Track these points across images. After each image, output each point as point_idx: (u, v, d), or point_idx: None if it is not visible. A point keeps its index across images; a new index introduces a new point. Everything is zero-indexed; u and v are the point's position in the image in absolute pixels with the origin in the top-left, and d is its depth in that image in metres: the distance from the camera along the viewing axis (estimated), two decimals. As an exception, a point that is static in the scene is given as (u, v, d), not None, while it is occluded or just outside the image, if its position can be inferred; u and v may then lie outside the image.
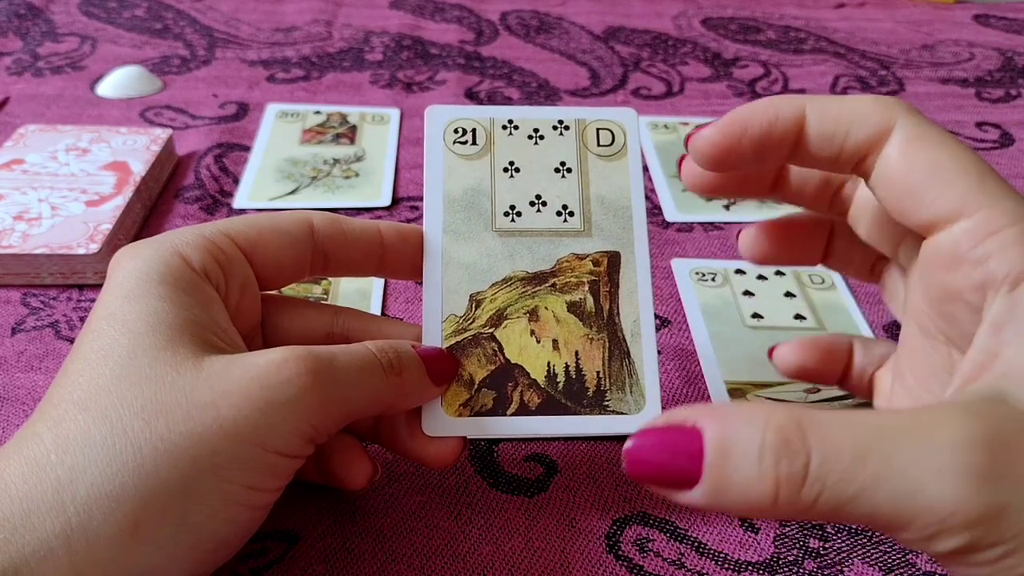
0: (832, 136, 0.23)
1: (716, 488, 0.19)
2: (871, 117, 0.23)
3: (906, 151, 0.22)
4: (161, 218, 0.47)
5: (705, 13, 0.80)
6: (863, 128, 0.23)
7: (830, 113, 0.23)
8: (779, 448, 0.18)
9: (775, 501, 0.18)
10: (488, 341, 0.29)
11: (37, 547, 0.20)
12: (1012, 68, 0.71)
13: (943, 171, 0.22)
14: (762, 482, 0.18)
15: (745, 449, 0.18)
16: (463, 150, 0.31)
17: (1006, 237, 0.20)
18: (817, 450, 0.18)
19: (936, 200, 0.21)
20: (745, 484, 0.18)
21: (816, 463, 0.18)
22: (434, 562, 0.28)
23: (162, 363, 0.23)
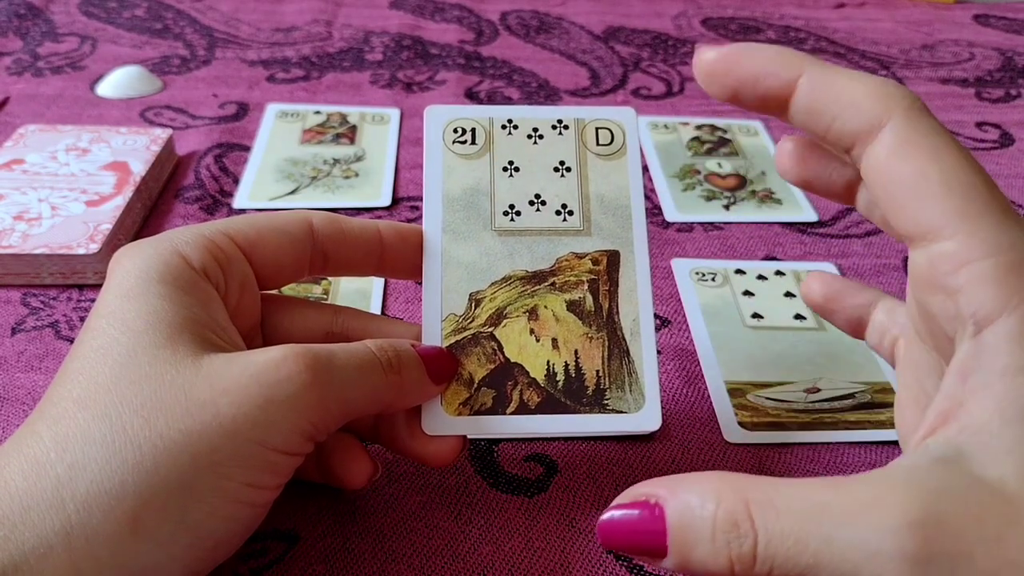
0: (819, 115, 0.22)
1: (681, 561, 0.20)
2: (864, 107, 0.21)
3: (892, 156, 0.21)
4: (161, 218, 0.47)
5: (705, 13, 0.80)
6: (852, 119, 0.21)
7: (822, 90, 0.22)
8: (729, 530, 0.19)
9: (717, 558, 0.19)
10: (488, 340, 0.29)
11: (37, 544, 0.20)
12: (1012, 68, 0.71)
13: (927, 184, 0.20)
14: (717, 559, 0.19)
15: (700, 528, 0.19)
16: (462, 150, 0.31)
17: (978, 271, 0.19)
18: (763, 531, 0.19)
19: (917, 214, 0.20)
20: (705, 559, 0.19)
21: (763, 545, 0.19)
22: (434, 562, 0.28)
23: (162, 361, 0.23)
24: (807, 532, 0.18)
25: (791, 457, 0.33)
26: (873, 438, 0.34)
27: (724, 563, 0.19)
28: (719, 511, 0.19)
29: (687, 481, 0.20)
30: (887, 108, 0.21)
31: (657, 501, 0.20)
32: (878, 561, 0.17)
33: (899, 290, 0.43)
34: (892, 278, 0.44)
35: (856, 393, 0.36)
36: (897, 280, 0.44)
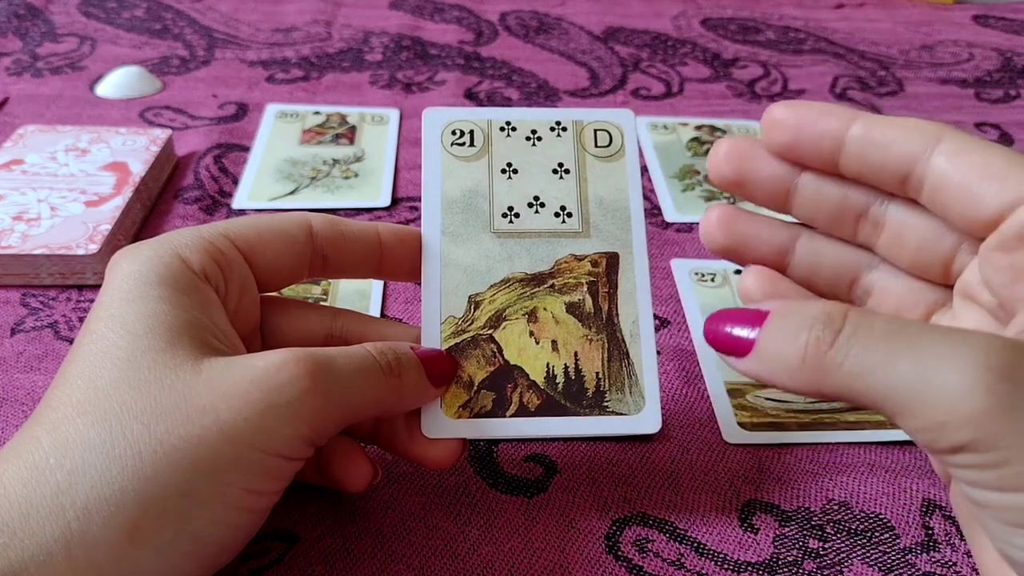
0: (876, 146, 0.24)
1: (761, 353, 0.22)
2: (918, 132, 0.24)
3: (955, 156, 0.23)
4: (160, 218, 0.47)
5: (704, 13, 0.80)
6: (909, 141, 0.24)
7: (876, 127, 0.24)
8: (821, 320, 0.21)
9: (802, 361, 0.21)
10: (487, 342, 0.29)
11: (36, 551, 0.20)
12: (1011, 69, 0.71)
13: (995, 168, 0.22)
14: (796, 343, 0.21)
15: (794, 323, 0.21)
16: (461, 152, 0.31)
17: None
18: (851, 324, 0.21)
19: (997, 194, 0.22)
20: (783, 348, 0.21)
21: (846, 334, 0.20)
22: (433, 562, 0.28)
23: (161, 365, 0.23)
24: (898, 331, 0.20)
25: (790, 457, 0.33)
26: (872, 438, 0.34)
27: (799, 348, 0.21)
28: (819, 309, 0.21)
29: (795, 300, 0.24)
30: (939, 128, 0.24)
31: (767, 308, 0.23)
32: (959, 367, 0.19)
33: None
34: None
35: (855, 394, 0.36)
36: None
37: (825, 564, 0.29)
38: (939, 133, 0.24)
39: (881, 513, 0.31)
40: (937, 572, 0.29)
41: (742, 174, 0.27)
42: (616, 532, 0.30)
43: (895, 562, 0.29)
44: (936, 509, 0.31)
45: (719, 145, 0.28)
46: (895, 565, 0.29)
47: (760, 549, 0.30)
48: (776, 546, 0.30)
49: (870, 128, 0.24)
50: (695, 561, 0.29)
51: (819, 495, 0.32)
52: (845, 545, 0.30)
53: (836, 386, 0.21)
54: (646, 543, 0.30)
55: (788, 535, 0.30)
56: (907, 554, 0.30)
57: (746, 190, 0.27)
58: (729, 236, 0.27)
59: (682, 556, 0.29)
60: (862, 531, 0.30)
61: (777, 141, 0.26)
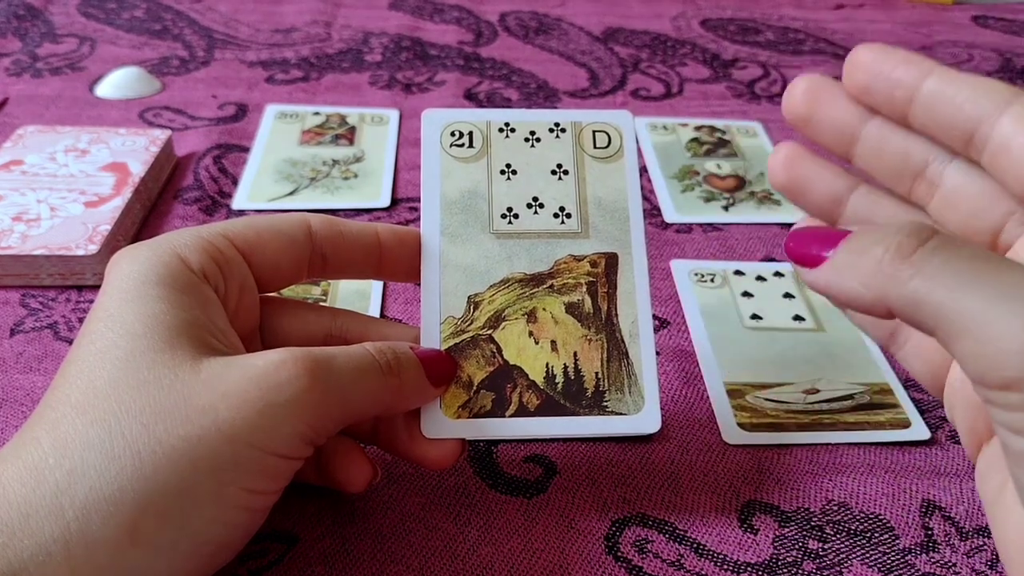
0: (947, 102, 0.24)
1: (835, 263, 0.22)
2: (992, 91, 0.23)
3: (1023, 120, 0.22)
4: (160, 219, 0.47)
5: (704, 14, 0.80)
6: (982, 99, 0.23)
7: (950, 81, 0.24)
8: (908, 229, 0.21)
9: (878, 265, 0.21)
10: (486, 343, 0.29)
11: (36, 551, 0.20)
12: (1011, 69, 0.71)
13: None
14: (875, 250, 0.21)
15: (877, 235, 0.21)
16: (460, 153, 0.31)
17: None
18: (939, 238, 0.20)
19: None
20: (861, 255, 0.21)
21: (932, 245, 0.20)
22: (433, 563, 0.28)
23: (160, 365, 0.23)
24: (984, 257, 0.20)
25: (790, 458, 0.33)
26: (872, 439, 0.34)
27: (878, 252, 0.21)
28: (906, 221, 0.21)
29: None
30: (1013, 92, 0.23)
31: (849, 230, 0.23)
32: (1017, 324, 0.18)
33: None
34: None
35: (855, 394, 0.36)
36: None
37: (825, 565, 0.29)
38: (1012, 97, 0.23)
39: (881, 514, 0.31)
40: (937, 573, 0.29)
41: (814, 110, 0.27)
42: (616, 533, 0.30)
43: (895, 563, 0.29)
44: (936, 510, 0.31)
45: (798, 82, 0.27)
46: (895, 566, 0.29)
47: (760, 550, 0.30)
48: (776, 547, 0.30)
49: (945, 82, 0.24)
50: (694, 562, 0.29)
51: (819, 496, 0.32)
52: (845, 546, 0.30)
53: (904, 295, 0.20)
54: (646, 544, 0.30)
55: (788, 536, 0.30)
56: (907, 555, 0.30)
57: (814, 128, 0.27)
58: (790, 173, 0.27)
59: (682, 557, 0.29)
60: (862, 532, 0.30)
61: (854, 82, 0.26)
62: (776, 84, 0.66)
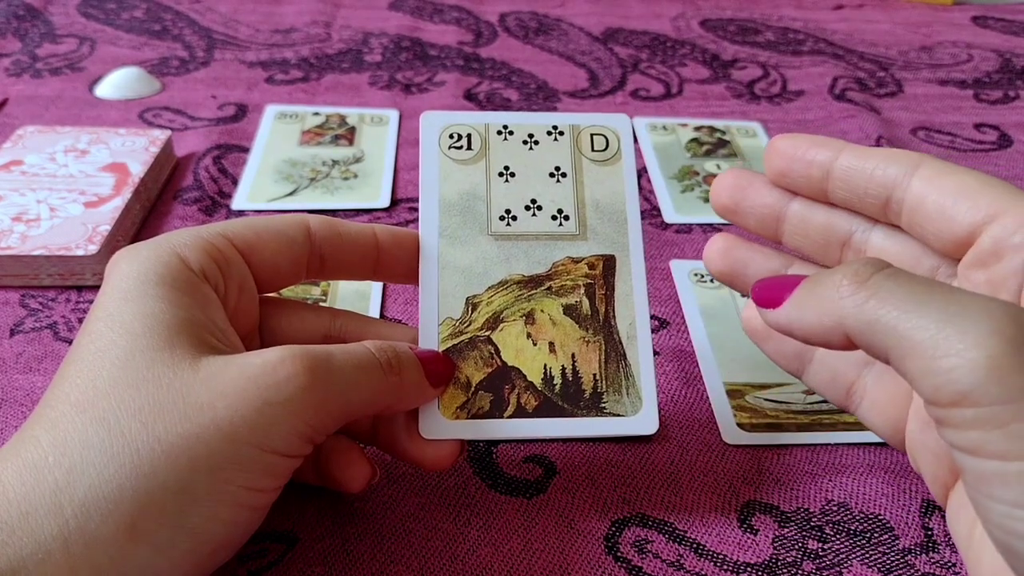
0: (858, 173, 0.26)
1: (794, 301, 0.24)
2: (896, 160, 0.26)
3: (931, 179, 0.25)
4: (160, 219, 0.47)
5: (704, 14, 0.80)
6: (890, 169, 0.26)
7: (859, 157, 0.26)
8: (864, 261, 0.22)
9: (836, 292, 0.22)
10: (484, 344, 0.29)
11: (35, 549, 0.20)
12: (1010, 69, 0.71)
13: (969, 188, 0.24)
14: (831, 281, 0.23)
15: (833, 274, 0.23)
16: (458, 155, 0.31)
17: None
18: (891, 269, 0.22)
19: (969, 212, 0.24)
20: (818, 289, 0.23)
21: (885, 273, 0.22)
22: (433, 564, 0.28)
23: (160, 364, 0.23)
24: (926, 286, 0.21)
25: (790, 458, 0.33)
26: (872, 439, 0.34)
27: (834, 283, 0.22)
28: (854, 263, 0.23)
29: None
30: (919, 156, 0.26)
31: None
32: (974, 317, 0.19)
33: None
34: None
35: (854, 395, 0.36)
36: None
37: (824, 565, 0.29)
38: (919, 160, 0.25)
39: (880, 514, 0.31)
40: (936, 573, 0.29)
41: (739, 200, 0.29)
42: (615, 533, 0.30)
43: (894, 563, 0.29)
44: (935, 510, 0.31)
45: (721, 177, 0.30)
46: (894, 566, 0.29)
47: (759, 550, 0.30)
48: (775, 547, 0.30)
49: (856, 157, 0.27)
50: (694, 562, 0.29)
51: (818, 496, 0.32)
52: (844, 546, 0.30)
53: (860, 318, 0.21)
54: (645, 544, 0.30)
55: (787, 536, 0.30)
56: (906, 555, 0.30)
57: (741, 217, 0.30)
58: (727, 261, 0.30)
59: (681, 557, 0.29)
60: (861, 532, 0.30)
61: (774, 168, 0.28)
62: (776, 84, 0.66)
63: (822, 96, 0.65)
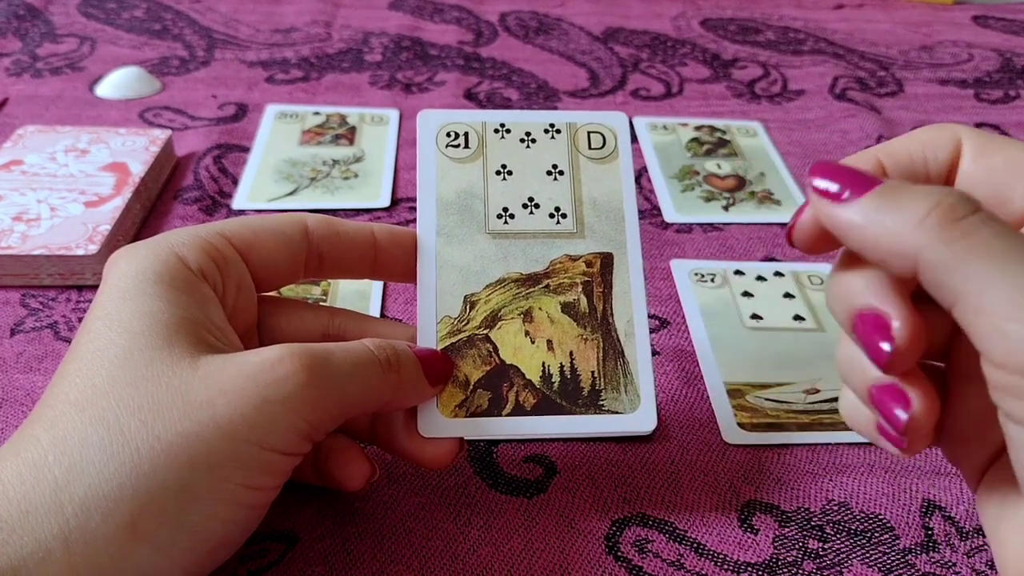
0: (913, 170, 0.24)
1: (877, 201, 0.21)
2: (941, 139, 0.24)
3: (979, 158, 0.23)
4: (160, 219, 0.47)
5: (704, 14, 0.80)
6: (940, 150, 0.24)
7: (904, 152, 0.24)
8: (959, 196, 0.20)
9: (922, 219, 0.20)
10: (483, 342, 0.29)
11: (35, 548, 0.20)
12: (1011, 69, 0.71)
13: (1019, 164, 0.23)
14: (924, 202, 0.20)
15: (924, 190, 0.20)
16: (455, 153, 0.31)
17: None
18: (986, 212, 0.20)
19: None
20: (907, 200, 0.20)
21: (981, 216, 0.20)
22: (433, 563, 0.28)
23: (159, 363, 0.23)
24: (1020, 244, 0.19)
25: (790, 458, 0.33)
26: (871, 439, 0.34)
27: (927, 205, 0.20)
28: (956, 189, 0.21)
29: None
30: (952, 131, 0.24)
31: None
32: None
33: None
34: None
35: (854, 394, 0.36)
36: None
37: (825, 564, 0.29)
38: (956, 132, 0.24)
39: (881, 513, 0.31)
40: (937, 573, 0.29)
41: None
42: (616, 532, 0.30)
43: (895, 563, 0.29)
44: (936, 510, 0.31)
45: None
46: (895, 566, 0.29)
47: (760, 549, 0.30)
48: (776, 546, 0.30)
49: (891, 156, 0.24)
50: (695, 561, 0.29)
51: (819, 495, 0.32)
52: (845, 546, 0.30)
53: (941, 257, 0.19)
54: (646, 543, 0.30)
55: (788, 535, 0.30)
56: (907, 555, 0.30)
57: None
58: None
59: (682, 556, 0.29)
60: (862, 531, 0.30)
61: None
62: (776, 84, 0.66)
63: (822, 96, 0.64)
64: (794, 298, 0.42)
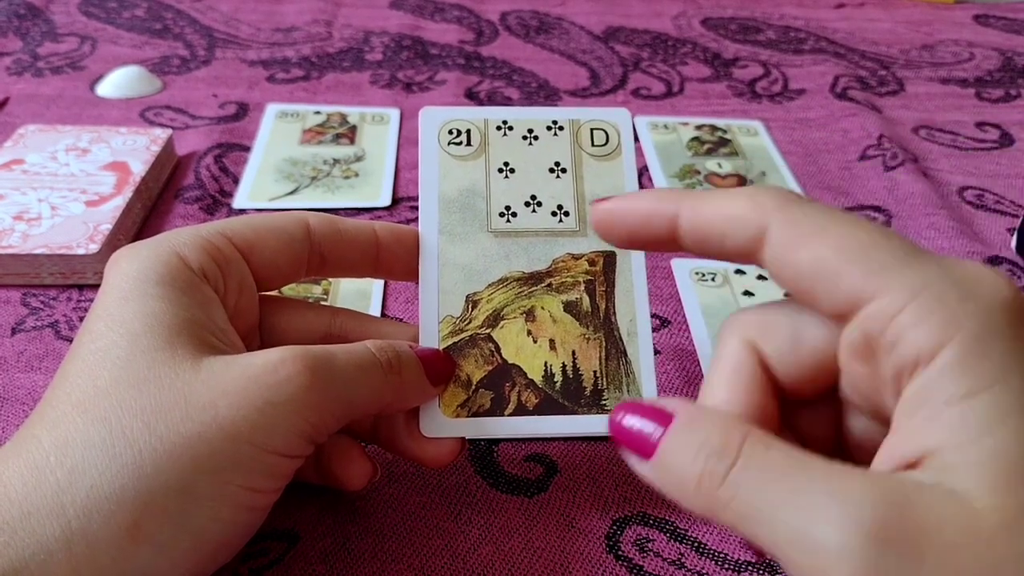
0: (707, 242, 0.23)
1: (660, 467, 0.21)
2: (741, 221, 0.21)
3: (785, 253, 0.21)
4: (161, 218, 0.47)
5: (705, 13, 0.80)
6: (737, 234, 0.22)
7: (699, 219, 0.22)
8: (717, 448, 0.20)
9: (697, 487, 0.20)
10: (485, 342, 0.29)
11: (37, 550, 0.20)
12: (1012, 68, 0.71)
13: (826, 265, 0.20)
14: (693, 466, 0.20)
15: (695, 441, 0.20)
16: (458, 151, 0.31)
17: (905, 320, 0.19)
18: (744, 458, 0.19)
19: (830, 297, 0.20)
20: (682, 465, 0.20)
21: (737, 469, 0.19)
22: (434, 562, 0.28)
23: (160, 364, 0.23)
24: (782, 475, 0.19)
25: (790, 458, 0.33)
26: (872, 438, 0.34)
27: (694, 475, 0.20)
28: (717, 431, 0.20)
29: (706, 409, 0.22)
30: (761, 214, 0.21)
31: (673, 411, 0.21)
32: (835, 524, 0.17)
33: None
34: (891, 278, 0.44)
35: (855, 393, 0.36)
36: (896, 280, 0.44)
37: (825, 563, 0.29)
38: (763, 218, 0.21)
39: (881, 512, 0.31)
40: (937, 571, 0.29)
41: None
42: (616, 532, 0.30)
43: (895, 561, 0.29)
44: (936, 508, 0.31)
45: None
46: (895, 564, 0.29)
47: (760, 548, 0.30)
48: (776, 545, 0.30)
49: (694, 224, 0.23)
50: (695, 561, 0.29)
51: (819, 494, 0.32)
52: (845, 544, 0.30)
53: (727, 522, 0.19)
54: (646, 543, 0.30)
55: (788, 534, 0.30)
56: (907, 553, 0.30)
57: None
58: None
59: (682, 556, 0.29)
60: (862, 530, 0.30)
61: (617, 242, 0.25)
62: (777, 83, 0.66)
63: (823, 95, 0.64)
64: (795, 297, 0.42)
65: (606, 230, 0.24)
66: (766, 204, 0.21)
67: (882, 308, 0.19)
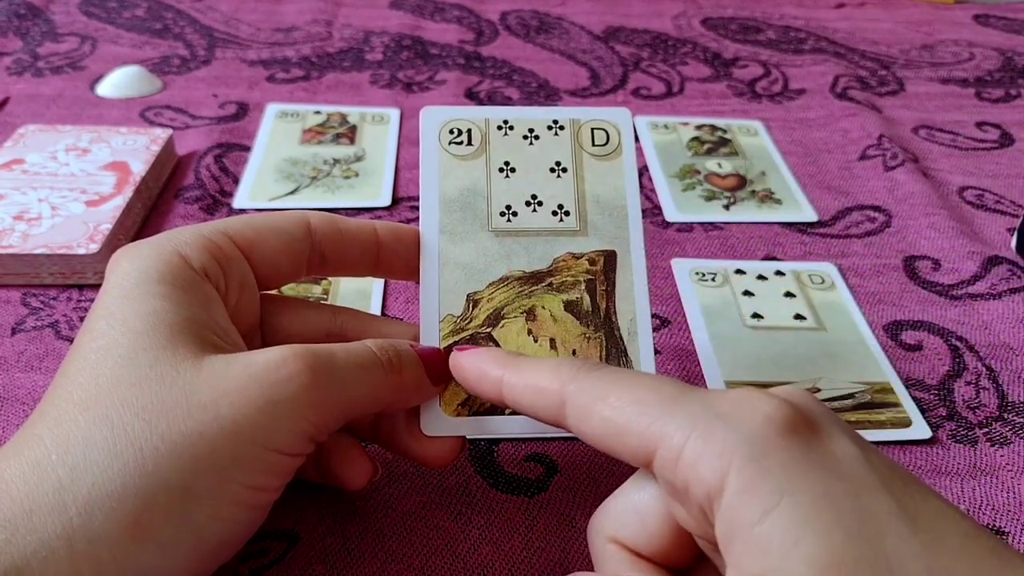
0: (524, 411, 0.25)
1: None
2: (546, 394, 0.24)
3: (580, 422, 0.23)
4: (161, 218, 0.47)
5: (705, 13, 0.80)
6: (544, 406, 0.24)
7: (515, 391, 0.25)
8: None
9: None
10: (485, 341, 0.29)
11: (38, 548, 0.20)
12: (1012, 68, 0.71)
13: (613, 425, 0.22)
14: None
15: None
16: (458, 151, 0.31)
17: (688, 456, 0.20)
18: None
19: (628, 451, 0.22)
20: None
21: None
22: (434, 562, 0.28)
23: (162, 363, 0.23)
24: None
25: (790, 457, 0.33)
26: (873, 438, 0.34)
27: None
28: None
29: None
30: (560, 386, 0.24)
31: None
32: None
33: (898, 290, 0.43)
34: (892, 278, 0.44)
35: (856, 393, 0.36)
36: (896, 280, 0.44)
37: (825, 563, 0.29)
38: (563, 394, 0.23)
39: (881, 512, 0.31)
40: (937, 571, 0.29)
41: None
42: (616, 531, 0.30)
43: (895, 561, 0.29)
44: (936, 508, 0.31)
45: None
46: (895, 564, 0.29)
47: (760, 548, 0.30)
48: (776, 545, 0.30)
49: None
50: (695, 560, 0.29)
51: (819, 494, 0.32)
52: (845, 544, 0.30)
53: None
54: (646, 542, 0.30)
55: (788, 534, 0.30)
56: (907, 553, 0.30)
57: None
58: None
59: (682, 555, 0.29)
60: (862, 530, 0.30)
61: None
62: (777, 83, 0.66)
63: (823, 95, 0.64)
64: (795, 297, 0.42)
65: (456, 377, 0.27)
66: (563, 376, 0.23)
67: (664, 456, 0.20)
